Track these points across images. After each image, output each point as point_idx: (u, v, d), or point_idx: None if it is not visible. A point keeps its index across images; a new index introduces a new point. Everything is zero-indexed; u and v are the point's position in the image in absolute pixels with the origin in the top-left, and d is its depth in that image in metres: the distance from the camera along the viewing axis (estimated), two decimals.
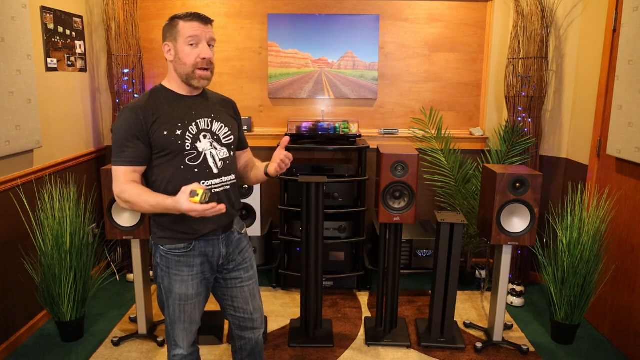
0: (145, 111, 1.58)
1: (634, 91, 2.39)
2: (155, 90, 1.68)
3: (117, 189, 1.57)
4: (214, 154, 1.67)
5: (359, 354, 2.54)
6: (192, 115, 1.65)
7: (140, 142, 1.57)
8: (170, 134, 1.59)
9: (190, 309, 1.72)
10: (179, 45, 1.61)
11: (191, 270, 1.68)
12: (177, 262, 1.67)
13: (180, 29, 1.60)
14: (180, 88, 1.67)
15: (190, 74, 1.62)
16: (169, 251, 1.67)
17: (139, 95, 1.65)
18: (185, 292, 1.69)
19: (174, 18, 1.63)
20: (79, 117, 3.22)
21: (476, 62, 3.52)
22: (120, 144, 1.57)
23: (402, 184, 2.43)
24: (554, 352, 2.61)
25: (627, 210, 2.56)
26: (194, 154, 1.63)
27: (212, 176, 1.66)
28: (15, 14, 2.44)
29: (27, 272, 2.60)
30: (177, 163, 1.61)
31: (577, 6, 3.05)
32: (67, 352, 2.53)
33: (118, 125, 1.58)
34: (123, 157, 1.57)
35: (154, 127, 1.58)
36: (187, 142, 1.61)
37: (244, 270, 1.81)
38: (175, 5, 3.45)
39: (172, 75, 1.67)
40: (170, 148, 1.60)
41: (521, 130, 3.19)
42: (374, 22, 3.43)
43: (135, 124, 1.56)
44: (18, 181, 2.53)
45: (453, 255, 2.55)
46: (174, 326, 1.73)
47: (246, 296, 1.82)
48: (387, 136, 3.52)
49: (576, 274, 2.54)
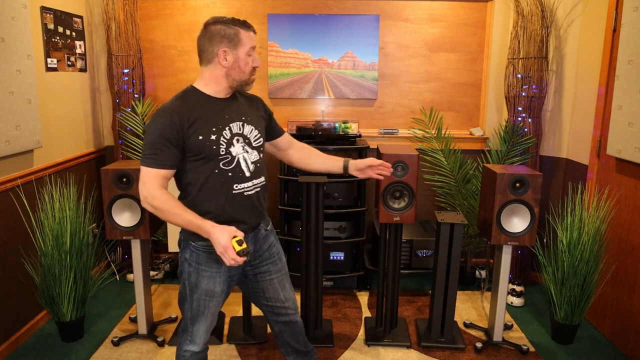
0: (181, 115, 1.59)
1: (634, 91, 2.39)
2: (189, 92, 1.68)
3: (148, 192, 1.57)
4: (245, 157, 1.70)
5: (359, 354, 2.54)
6: (225, 119, 1.67)
7: (174, 146, 1.59)
8: (206, 139, 1.61)
9: (213, 306, 1.77)
10: (239, 53, 1.64)
11: (219, 267, 1.72)
12: (208, 258, 1.70)
13: (242, 38, 1.64)
14: (217, 92, 1.69)
15: (247, 80, 1.69)
16: (201, 247, 1.69)
17: (173, 97, 1.68)
18: (212, 288, 1.73)
19: (230, 24, 1.64)
20: (79, 117, 3.22)
21: (476, 62, 3.52)
22: (153, 145, 1.57)
23: (402, 184, 2.43)
24: (554, 352, 2.61)
25: (627, 210, 2.56)
26: (228, 159, 1.66)
27: (244, 179, 1.70)
28: (15, 14, 2.44)
29: (27, 272, 2.60)
30: (212, 167, 1.64)
31: (577, 6, 3.05)
32: (67, 352, 2.53)
33: (153, 127, 1.58)
34: (155, 159, 1.58)
35: (189, 132, 1.59)
36: (221, 147, 1.64)
37: (272, 264, 1.86)
38: (175, 5, 3.45)
39: (216, 80, 1.68)
40: (204, 152, 1.62)
41: (521, 130, 3.19)
42: (374, 22, 3.43)
43: (170, 128, 1.57)
44: (18, 181, 2.53)
45: (453, 255, 2.55)
46: (195, 322, 1.77)
47: (276, 287, 1.88)
48: (387, 136, 3.52)
49: (576, 274, 2.54)
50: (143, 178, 1.59)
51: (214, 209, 1.66)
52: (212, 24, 1.65)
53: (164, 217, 1.59)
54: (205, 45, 1.65)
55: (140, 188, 1.60)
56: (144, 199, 1.59)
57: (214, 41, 1.63)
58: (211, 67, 1.67)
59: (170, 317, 2.85)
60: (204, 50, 1.66)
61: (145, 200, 1.58)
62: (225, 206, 1.68)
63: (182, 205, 1.59)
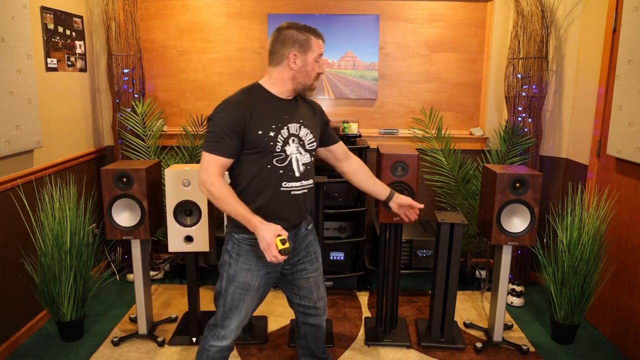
0: (246, 108, 1.68)
1: (634, 91, 2.39)
2: (255, 88, 1.77)
3: (207, 177, 1.65)
4: (298, 158, 1.77)
5: (359, 354, 2.54)
6: (284, 118, 1.75)
7: (237, 137, 1.67)
8: (264, 135, 1.69)
9: (248, 301, 1.81)
10: (308, 58, 1.73)
11: (258, 262, 1.77)
12: (248, 251, 1.76)
13: (312, 45, 1.73)
14: (281, 92, 1.77)
15: (311, 85, 1.79)
16: (243, 240, 1.76)
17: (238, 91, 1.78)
18: (249, 282, 1.78)
19: (302, 30, 1.73)
20: (79, 117, 3.22)
21: (476, 62, 3.52)
22: (218, 134, 1.66)
23: (402, 184, 2.43)
24: (554, 352, 2.61)
25: (627, 210, 2.56)
26: (282, 156, 1.73)
27: (293, 179, 1.76)
28: (15, 14, 2.44)
29: (27, 272, 2.60)
30: (265, 162, 1.71)
31: (577, 6, 3.05)
32: (67, 352, 2.53)
33: (219, 117, 1.67)
34: (219, 147, 1.66)
35: (250, 125, 1.67)
36: (278, 144, 1.71)
37: (309, 262, 1.91)
38: (175, 5, 3.45)
39: (282, 81, 1.76)
40: (261, 147, 1.69)
41: (521, 130, 3.19)
42: (374, 22, 3.43)
43: (235, 119, 1.66)
44: (18, 181, 2.53)
45: (453, 255, 2.55)
46: (227, 316, 1.81)
47: (311, 286, 1.93)
48: (387, 136, 3.52)
49: (576, 274, 2.54)
50: (204, 163, 1.67)
51: (260, 202, 1.73)
52: (286, 28, 1.73)
53: (216, 204, 1.67)
54: (277, 47, 1.73)
55: (200, 172, 1.68)
56: (202, 182, 1.67)
57: (286, 44, 1.72)
58: (280, 68, 1.75)
59: (170, 317, 2.85)
60: (276, 52, 1.74)
61: (203, 185, 1.66)
62: (271, 201, 1.74)
63: (235, 196, 1.67)
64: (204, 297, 3.11)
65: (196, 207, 2.43)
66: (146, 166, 2.44)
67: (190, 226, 2.44)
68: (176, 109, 3.60)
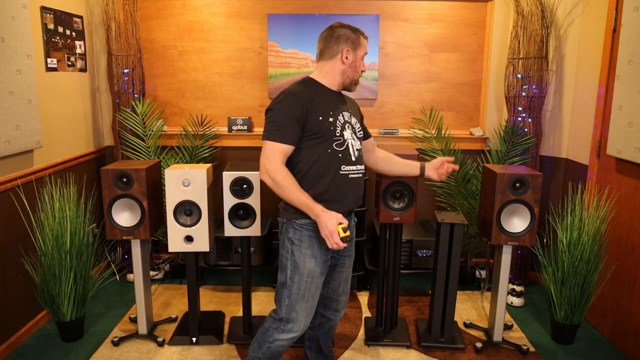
0: (305, 98, 1.77)
1: (634, 91, 2.39)
2: (308, 80, 1.87)
3: (271, 165, 1.72)
4: (353, 143, 1.87)
5: (359, 354, 2.54)
6: (339, 107, 1.87)
7: (298, 125, 1.75)
8: (325, 120, 1.79)
9: (314, 289, 1.84)
10: (357, 55, 1.87)
11: (321, 248, 1.82)
12: (310, 237, 1.81)
13: (362, 43, 1.88)
14: (331, 84, 1.89)
15: (356, 80, 1.92)
16: (305, 225, 1.80)
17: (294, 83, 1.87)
18: (314, 268, 1.82)
19: (354, 29, 1.87)
20: (79, 117, 3.22)
21: (476, 62, 3.52)
22: (282, 123, 1.74)
23: (402, 184, 2.43)
24: (554, 352, 2.61)
25: (627, 210, 2.56)
26: (340, 140, 1.82)
27: (351, 162, 1.86)
28: (15, 14, 2.44)
29: (27, 272, 2.60)
30: (325, 147, 1.80)
31: (577, 6, 3.05)
32: (67, 352, 2.53)
33: (281, 106, 1.75)
34: (283, 135, 1.73)
35: (310, 112, 1.76)
36: (337, 129, 1.82)
37: (349, 257, 2.00)
38: (175, 5, 3.45)
39: (333, 74, 1.88)
40: (322, 132, 1.78)
41: (521, 130, 3.19)
42: (374, 22, 3.43)
43: (297, 107, 1.74)
44: (18, 181, 2.53)
45: (453, 255, 2.55)
46: (296, 306, 1.83)
47: (341, 280, 2.02)
48: (387, 136, 3.52)
49: (576, 274, 2.54)
50: (268, 152, 1.73)
51: (320, 187, 1.79)
52: (340, 27, 1.87)
53: (279, 191, 1.73)
54: (332, 42, 1.85)
55: (262, 161, 1.73)
56: (264, 171, 1.72)
57: (340, 40, 1.85)
58: (331, 62, 1.87)
59: (170, 317, 2.85)
60: (329, 47, 1.86)
61: (267, 173, 1.72)
62: (331, 185, 1.81)
63: (297, 184, 1.74)
64: (204, 297, 3.11)
65: (196, 207, 2.43)
66: (146, 166, 2.44)
67: (190, 226, 2.44)
68: (176, 109, 3.60)
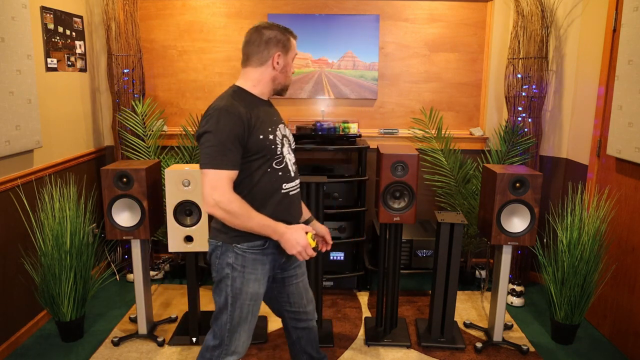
0: (244, 115, 1.57)
1: (634, 91, 2.39)
2: (238, 92, 1.66)
3: (222, 196, 1.52)
4: (290, 158, 1.74)
5: (359, 354, 2.54)
6: (274, 120, 1.71)
7: (240, 146, 1.57)
8: (265, 139, 1.62)
9: (256, 309, 1.75)
10: (288, 59, 1.70)
11: (263, 269, 1.71)
12: (254, 260, 1.67)
13: (292, 45, 1.71)
14: (262, 94, 1.71)
15: (288, 85, 1.74)
16: (247, 249, 1.66)
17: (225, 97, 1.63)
18: (258, 290, 1.71)
19: (283, 31, 1.68)
20: (79, 117, 3.22)
21: (476, 62, 3.52)
22: (224, 146, 1.53)
23: (402, 184, 2.43)
24: (554, 352, 2.61)
25: (627, 210, 2.56)
26: (280, 158, 1.68)
27: (290, 179, 1.73)
28: (15, 14, 2.44)
29: (27, 272, 2.60)
30: (266, 166, 1.64)
31: (577, 6, 3.05)
32: (67, 352, 2.53)
33: (221, 126, 1.53)
34: (228, 160, 1.53)
35: (251, 131, 1.58)
36: (277, 146, 1.66)
37: (298, 267, 1.87)
38: (175, 6, 3.45)
39: (264, 82, 1.69)
40: (264, 151, 1.62)
41: (521, 130, 3.19)
42: (374, 22, 3.43)
43: (238, 126, 1.54)
44: (18, 181, 2.53)
45: (453, 255, 2.55)
46: (237, 329, 1.71)
47: (300, 291, 1.89)
48: (387, 136, 3.52)
49: (576, 274, 2.54)
50: (214, 182, 1.52)
51: (265, 211, 1.63)
52: (268, 28, 1.67)
53: (235, 222, 1.55)
54: (261, 47, 1.66)
55: (209, 193, 1.52)
56: (215, 203, 1.51)
57: (270, 44, 1.66)
58: (262, 69, 1.68)
59: (170, 317, 2.85)
60: (257, 52, 1.66)
61: (218, 205, 1.51)
62: (276, 207, 1.67)
63: (253, 210, 1.57)
64: (204, 297, 3.11)
65: (196, 207, 2.43)
66: (146, 166, 2.44)
67: (190, 226, 2.44)
68: (176, 109, 3.60)
